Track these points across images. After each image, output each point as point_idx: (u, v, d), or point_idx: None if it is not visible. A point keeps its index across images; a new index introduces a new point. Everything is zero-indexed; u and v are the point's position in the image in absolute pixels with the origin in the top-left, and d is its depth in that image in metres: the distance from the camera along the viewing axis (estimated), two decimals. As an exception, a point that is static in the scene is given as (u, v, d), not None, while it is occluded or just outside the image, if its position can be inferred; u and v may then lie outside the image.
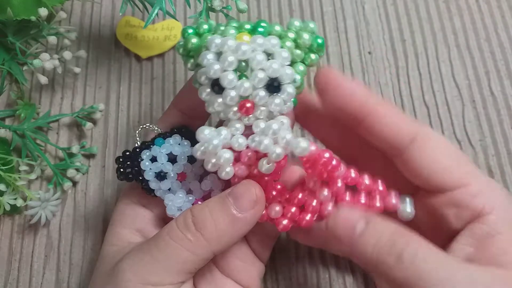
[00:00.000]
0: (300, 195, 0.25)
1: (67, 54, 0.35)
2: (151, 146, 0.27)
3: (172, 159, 0.27)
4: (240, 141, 0.24)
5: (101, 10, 0.40)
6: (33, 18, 0.34)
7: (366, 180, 0.25)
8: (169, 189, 0.27)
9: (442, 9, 0.40)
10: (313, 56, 0.25)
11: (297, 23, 0.25)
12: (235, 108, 0.24)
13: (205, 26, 0.26)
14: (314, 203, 0.25)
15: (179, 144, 0.27)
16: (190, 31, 0.26)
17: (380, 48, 0.38)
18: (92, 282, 0.27)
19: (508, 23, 0.39)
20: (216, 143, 0.23)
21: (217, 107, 0.24)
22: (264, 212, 0.25)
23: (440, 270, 0.21)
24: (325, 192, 0.25)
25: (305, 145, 0.23)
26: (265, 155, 0.24)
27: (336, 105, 0.25)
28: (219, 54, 0.24)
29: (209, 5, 0.29)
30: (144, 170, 0.27)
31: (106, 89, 0.37)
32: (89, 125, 0.35)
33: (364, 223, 0.23)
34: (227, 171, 0.24)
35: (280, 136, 0.24)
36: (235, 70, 0.24)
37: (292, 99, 0.25)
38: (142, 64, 0.38)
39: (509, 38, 0.39)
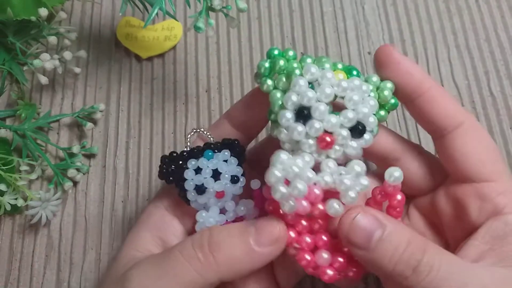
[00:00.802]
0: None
1: (67, 54, 0.35)
2: (200, 156, 0.27)
3: (216, 174, 0.26)
4: (310, 176, 0.23)
5: (101, 11, 0.40)
6: (33, 18, 0.34)
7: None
8: (205, 204, 0.27)
9: (442, 9, 0.40)
10: (383, 112, 0.25)
11: (375, 78, 0.25)
12: (312, 141, 0.24)
13: (291, 53, 0.25)
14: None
15: (226, 160, 0.26)
16: (276, 52, 0.25)
17: (379, 48, 0.38)
18: (103, 282, 0.27)
19: (507, 23, 0.39)
20: (297, 171, 0.22)
21: (295, 135, 0.23)
22: (310, 258, 0.24)
23: (458, 276, 0.21)
24: None
25: (399, 174, 0.23)
26: (331, 196, 0.23)
27: (394, 81, 0.25)
28: (311, 83, 0.24)
29: (209, 4, 0.29)
30: (186, 179, 0.26)
31: (107, 89, 0.37)
32: (89, 125, 0.35)
33: (381, 232, 0.22)
34: (292, 205, 0.23)
35: (359, 182, 0.23)
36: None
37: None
38: (142, 64, 0.38)
39: (508, 38, 0.39)
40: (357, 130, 0.24)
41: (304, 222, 0.24)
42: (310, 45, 0.39)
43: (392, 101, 0.25)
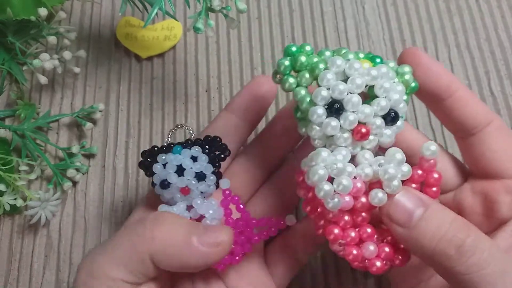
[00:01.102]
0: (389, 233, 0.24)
1: (67, 54, 0.35)
2: (163, 154, 0.26)
3: (182, 170, 0.26)
4: (350, 170, 0.23)
5: (101, 10, 0.40)
6: (33, 18, 0.34)
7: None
8: (172, 199, 0.26)
9: (442, 9, 0.40)
10: (405, 97, 0.25)
11: (392, 64, 0.25)
12: (346, 134, 0.23)
13: (308, 48, 0.25)
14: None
15: (193, 157, 0.26)
16: (294, 49, 0.25)
17: (380, 48, 0.38)
18: None
19: (508, 23, 0.39)
20: (341, 167, 0.22)
21: (329, 131, 0.23)
22: (357, 252, 0.23)
23: (498, 262, 0.21)
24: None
25: (435, 148, 0.23)
26: (371, 188, 0.23)
27: (424, 83, 0.26)
28: (338, 75, 0.23)
29: (209, 5, 0.29)
30: (155, 173, 0.26)
31: (106, 89, 0.37)
32: (89, 125, 0.35)
33: (423, 210, 0.22)
34: (336, 202, 0.22)
35: (400, 169, 0.23)
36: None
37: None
38: (142, 64, 0.38)
39: (509, 38, 0.38)
40: (391, 117, 0.23)
41: (346, 217, 0.23)
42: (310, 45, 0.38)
43: (413, 84, 0.25)
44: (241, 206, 0.27)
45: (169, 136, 0.29)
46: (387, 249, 0.23)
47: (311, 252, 0.29)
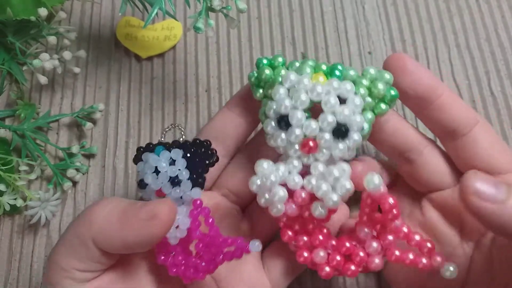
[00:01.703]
0: (347, 244, 0.25)
1: (67, 54, 0.35)
2: (150, 152, 0.26)
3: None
4: (296, 180, 0.24)
5: (101, 10, 0.40)
6: (33, 18, 0.34)
7: (417, 237, 0.25)
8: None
9: (442, 9, 0.40)
10: (383, 106, 0.25)
11: (372, 71, 0.25)
12: (297, 146, 0.25)
13: (280, 59, 0.26)
14: (362, 254, 0.25)
15: (171, 160, 0.25)
16: (265, 61, 0.27)
17: (380, 48, 0.38)
18: None
19: (508, 23, 0.39)
20: (274, 180, 0.24)
21: (279, 142, 0.25)
22: (307, 255, 0.25)
23: None
24: (375, 244, 0.25)
25: (378, 182, 0.23)
26: (318, 198, 0.24)
27: (410, 88, 0.26)
28: (291, 90, 0.25)
29: (209, 5, 0.29)
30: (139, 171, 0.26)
31: (106, 89, 0.37)
32: (89, 125, 0.35)
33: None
34: (278, 208, 0.24)
35: (340, 184, 0.24)
36: (305, 110, 0.24)
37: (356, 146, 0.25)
38: (142, 64, 0.38)
39: (509, 38, 0.38)
40: (340, 132, 0.24)
41: (296, 226, 0.26)
42: (310, 45, 0.38)
43: (392, 92, 0.25)
44: (210, 220, 0.26)
45: (164, 134, 0.28)
46: (338, 258, 0.25)
47: None
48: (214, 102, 0.37)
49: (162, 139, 0.28)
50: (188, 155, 0.26)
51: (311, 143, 0.24)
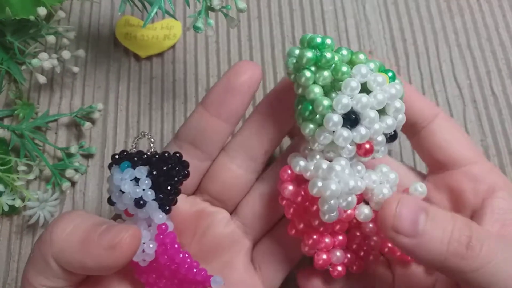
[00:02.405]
0: (356, 241, 0.25)
1: (65, 54, 0.34)
2: (117, 164, 0.24)
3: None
4: (361, 187, 0.23)
5: (100, 10, 0.40)
6: (31, 17, 0.34)
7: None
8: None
9: (443, 8, 0.40)
10: None
11: (362, 56, 0.24)
12: (351, 147, 0.23)
13: (329, 41, 0.23)
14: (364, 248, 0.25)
15: (135, 180, 0.23)
16: (319, 40, 0.23)
17: (381, 48, 0.38)
18: None
19: (509, 22, 0.39)
20: (359, 185, 0.23)
21: (340, 141, 0.23)
22: (326, 257, 0.25)
23: (502, 248, 0.21)
24: (375, 238, 0.26)
25: (423, 189, 0.24)
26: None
27: None
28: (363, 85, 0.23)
29: (209, 4, 0.29)
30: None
31: (105, 89, 0.37)
32: (87, 125, 0.35)
33: (425, 215, 0.21)
34: (334, 215, 0.23)
35: (392, 190, 0.24)
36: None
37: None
38: (141, 63, 0.38)
39: (510, 37, 0.38)
40: (390, 136, 0.24)
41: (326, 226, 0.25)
42: (311, 45, 0.38)
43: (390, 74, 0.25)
44: (176, 245, 0.24)
45: (134, 144, 0.26)
46: (349, 255, 0.25)
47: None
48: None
49: (134, 148, 0.25)
50: (154, 172, 0.24)
51: (367, 146, 0.23)
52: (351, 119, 0.22)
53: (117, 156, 0.25)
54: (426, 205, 0.22)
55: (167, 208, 0.24)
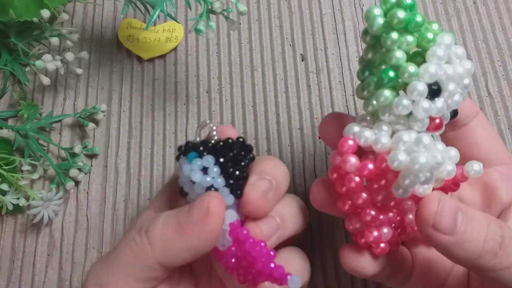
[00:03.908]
0: (398, 218, 0.24)
1: (69, 55, 0.35)
2: (186, 154, 0.24)
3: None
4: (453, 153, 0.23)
5: (103, 12, 0.40)
6: (35, 19, 0.34)
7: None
8: None
9: (440, 10, 0.40)
10: None
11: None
12: (426, 120, 0.22)
13: (409, 0, 0.21)
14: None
15: (204, 169, 0.24)
16: (409, 0, 0.21)
17: (378, 50, 0.39)
18: None
19: (505, 25, 0.39)
20: (440, 161, 0.21)
21: (421, 113, 0.21)
22: (377, 234, 0.23)
23: None
24: (410, 216, 0.25)
25: (479, 168, 0.23)
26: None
27: None
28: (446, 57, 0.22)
29: (210, 7, 0.30)
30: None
31: (108, 90, 0.37)
32: (91, 125, 0.35)
33: (462, 215, 0.22)
34: (425, 188, 0.22)
35: (449, 163, 0.23)
36: None
37: None
38: (144, 65, 0.38)
39: (506, 39, 0.39)
40: (454, 112, 0.23)
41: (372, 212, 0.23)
42: (310, 47, 0.39)
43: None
44: (251, 240, 0.23)
45: (197, 134, 0.26)
46: (387, 231, 0.24)
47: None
48: (215, 102, 0.37)
49: (198, 138, 0.26)
50: (221, 160, 0.24)
51: (437, 120, 0.22)
52: (434, 90, 0.21)
53: (183, 148, 0.25)
54: (463, 205, 0.23)
55: (238, 192, 0.24)
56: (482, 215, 0.22)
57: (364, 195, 0.23)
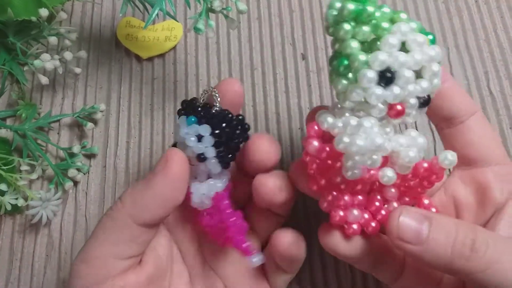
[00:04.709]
0: (377, 203, 0.25)
1: (67, 55, 0.35)
2: (186, 115, 0.26)
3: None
4: (388, 148, 0.23)
5: (102, 11, 0.40)
6: (33, 18, 0.34)
7: (426, 201, 0.26)
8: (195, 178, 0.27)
9: (441, 9, 0.40)
10: None
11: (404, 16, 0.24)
12: (383, 106, 0.22)
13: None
14: (383, 212, 0.25)
15: (198, 137, 0.25)
16: None
17: (379, 49, 0.39)
18: None
19: (507, 24, 0.39)
20: (381, 143, 0.22)
21: (372, 99, 0.22)
22: (343, 214, 0.24)
23: (507, 251, 0.22)
24: (395, 204, 0.25)
25: (453, 158, 0.23)
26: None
27: None
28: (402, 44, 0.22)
29: (209, 6, 0.29)
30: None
31: (107, 90, 0.37)
32: (90, 125, 0.35)
33: (428, 223, 0.22)
34: (356, 173, 0.23)
35: (421, 151, 0.23)
36: None
37: None
38: (143, 64, 0.38)
39: (508, 38, 0.39)
40: (423, 100, 0.23)
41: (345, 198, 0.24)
42: (310, 46, 0.39)
43: (430, 37, 0.24)
44: (228, 211, 0.26)
45: (202, 97, 0.27)
46: (366, 215, 0.25)
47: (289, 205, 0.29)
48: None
49: (202, 100, 0.27)
50: (217, 131, 0.25)
51: (399, 107, 0.22)
52: (386, 77, 0.22)
53: (185, 105, 0.27)
54: (429, 213, 0.23)
55: (225, 164, 0.26)
56: (452, 220, 0.23)
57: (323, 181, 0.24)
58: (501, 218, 0.25)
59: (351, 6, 0.22)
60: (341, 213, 0.25)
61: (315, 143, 0.24)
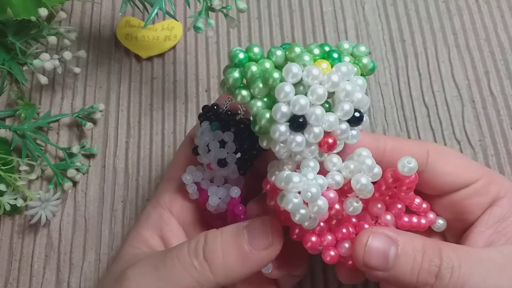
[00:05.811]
0: (350, 229, 0.24)
1: (67, 54, 0.35)
2: (207, 121, 0.27)
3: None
4: (322, 183, 0.22)
5: (101, 10, 0.40)
6: (33, 18, 0.34)
7: (417, 200, 0.26)
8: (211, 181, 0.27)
9: (442, 9, 0.40)
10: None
11: (346, 45, 0.24)
12: (313, 147, 0.22)
13: (256, 50, 0.22)
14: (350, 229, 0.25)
15: (222, 142, 0.26)
16: (242, 55, 0.22)
17: (380, 48, 0.38)
18: (102, 280, 0.27)
19: (507, 23, 0.39)
20: (316, 192, 0.21)
21: (295, 147, 0.21)
22: (334, 253, 0.24)
23: (476, 270, 0.22)
24: (388, 217, 0.25)
25: (414, 165, 0.22)
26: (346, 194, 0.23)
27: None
28: (297, 86, 0.21)
29: (209, 4, 0.29)
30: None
31: (106, 89, 0.37)
32: (89, 125, 0.35)
33: (395, 248, 0.22)
34: (311, 223, 0.22)
35: (372, 173, 0.23)
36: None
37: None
38: (142, 64, 0.38)
39: (508, 38, 0.39)
40: (355, 118, 0.22)
41: (322, 224, 0.24)
42: (310, 45, 0.38)
43: (371, 65, 0.24)
44: (242, 216, 0.27)
45: (226, 104, 0.27)
46: (330, 237, 0.24)
47: None
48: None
49: (226, 106, 0.27)
50: (239, 139, 0.26)
51: (330, 140, 0.22)
52: (297, 124, 0.21)
53: (208, 113, 0.27)
54: (396, 235, 0.23)
55: (242, 172, 0.27)
56: (419, 243, 0.23)
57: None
58: (475, 226, 0.25)
59: (236, 74, 0.22)
60: (332, 253, 0.24)
61: (272, 202, 0.24)
